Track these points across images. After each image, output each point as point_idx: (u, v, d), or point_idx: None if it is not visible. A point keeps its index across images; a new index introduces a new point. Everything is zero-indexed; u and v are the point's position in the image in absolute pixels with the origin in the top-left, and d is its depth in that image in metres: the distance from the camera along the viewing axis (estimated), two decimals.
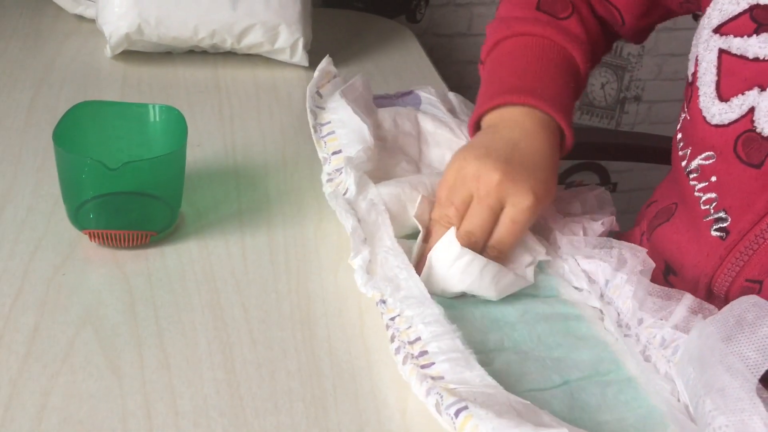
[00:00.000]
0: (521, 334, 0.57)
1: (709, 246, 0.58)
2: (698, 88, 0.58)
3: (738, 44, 0.55)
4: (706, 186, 0.58)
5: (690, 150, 0.60)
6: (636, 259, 0.59)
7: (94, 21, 0.95)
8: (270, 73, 0.94)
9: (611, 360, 0.56)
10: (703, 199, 0.59)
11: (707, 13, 0.58)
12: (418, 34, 1.16)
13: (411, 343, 0.53)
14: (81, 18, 1.00)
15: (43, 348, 0.52)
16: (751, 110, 0.54)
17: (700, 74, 0.58)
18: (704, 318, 0.53)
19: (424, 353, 0.52)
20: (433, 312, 0.53)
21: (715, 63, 0.57)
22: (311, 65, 0.94)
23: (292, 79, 0.93)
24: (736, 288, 0.56)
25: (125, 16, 0.89)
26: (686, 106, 0.61)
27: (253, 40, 0.92)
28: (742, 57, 0.55)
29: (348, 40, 1.07)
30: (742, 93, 0.55)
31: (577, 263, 0.63)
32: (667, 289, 0.56)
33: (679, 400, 0.53)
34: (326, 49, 1.01)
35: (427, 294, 0.55)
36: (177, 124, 0.64)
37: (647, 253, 0.65)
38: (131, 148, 0.65)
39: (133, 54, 0.92)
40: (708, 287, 0.59)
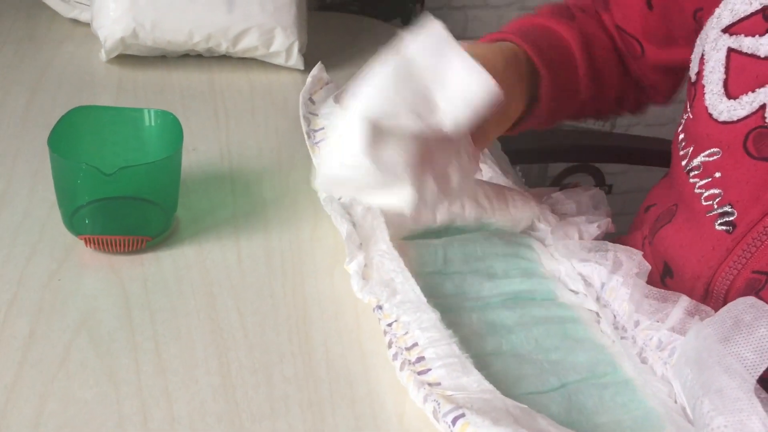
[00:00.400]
0: (518, 338, 0.57)
1: (714, 239, 0.58)
2: (704, 86, 0.59)
3: (749, 43, 0.56)
4: (709, 182, 0.59)
5: (692, 148, 0.61)
6: (632, 262, 0.59)
7: (89, 25, 0.95)
8: (265, 76, 0.94)
9: (608, 362, 0.56)
10: (705, 195, 0.59)
11: (716, 13, 0.59)
12: None
13: (408, 349, 0.53)
14: (76, 22, 1.00)
15: (38, 354, 0.52)
16: (763, 107, 0.55)
17: (706, 73, 0.59)
18: (701, 320, 0.53)
19: (421, 359, 0.51)
20: (430, 317, 0.53)
21: (723, 62, 0.58)
22: (307, 68, 0.94)
23: (287, 82, 0.93)
24: (741, 281, 0.57)
25: (120, 20, 0.88)
26: (689, 105, 0.61)
27: (249, 43, 0.92)
28: (754, 56, 0.56)
29: (343, 44, 1.07)
30: (753, 90, 0.56)
31: (572, 266, 0.63)
32: (663, 291, 0.56)
33: (676, 401, 0.53)
34: (322, 52, 1.01)
35: (424, 298, 0.55)
36: (172, 128, 0.64)
37: (647, 256, 0.66)
38: (127, 153, 0.65)
39: (128, 58, 0.92)
40: (706, 287, 0.59)
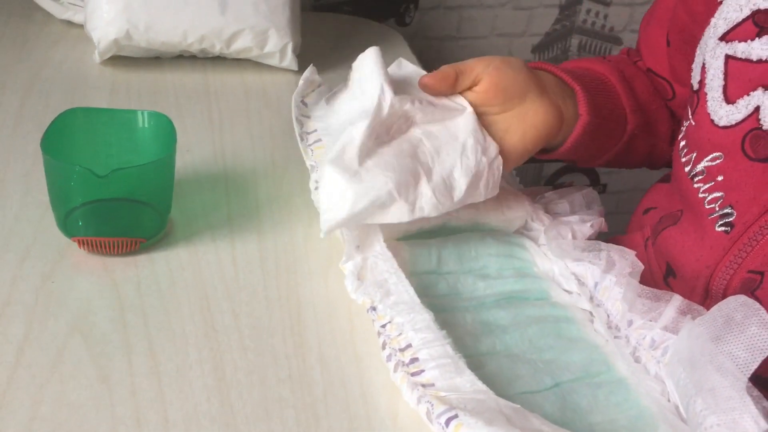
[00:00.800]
0: (512, 337, 0.57)
1: (713, 240, 0.59)
2: (706, 94, 0.61)
3: (742, 48, 0.58)
4: (712, 186, 0.60)
5: (695, 154, 0.62)
6: (625, 262, 0.59)
7: (82, 26, 0.95)
8: (259, 77, 0.94)
9: (602, 362, 0.57)
10: (708, 198, 0.60)
11: (712, 23, 0.61)
12: (408, 38, 1.16)
13: (402, 351, 0.53)
14: (69, 23, 1.00)
15: (32, 356, 0.52)
16: (757, 109, 0.56)
17: (708, 80, 0.60)
18: (693, 319, 0.53)
19: (414, 360, 0.52)
20: (424, 318, 0.53)
21: (722, 69, 0.59)
22: (301, 69, 0.94)
23: (281, 83, 0.93)
24: (737, 280, 0.57)
25: (114, 21, 0.88)
26: (691, 113, 0.63)
27: (242, 44, 0.92)
28: (747, 60, 0.57)
29: (337, 44, 1.07)
30: (748, 94, 0.57)
31: (566, 266, 0.63)
32: (656, 290, 0.57)
33: (669, 400, 0.53)
34: (315, 53, 1.01)
35: (417, 299, 0.55)
36: (166, 130, 0.64)
37: (650, 257, 0.66)
38: (120, 155, 0.65)
39: (122, 59, 0.92)
40: (706, 286, 0.60)
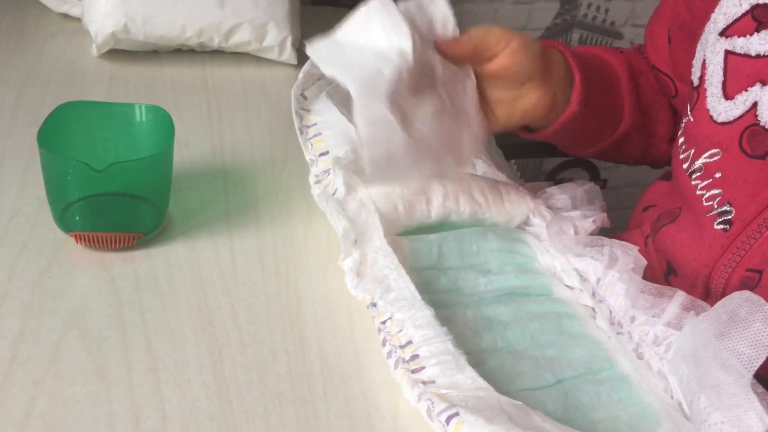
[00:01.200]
0: (514, 334, 0.57)
1: (711, 238, 0.59)
2: (706, 90, 0.60)
3: (741, 44, 0.57)
4: (710, 183, 0.59)
5: (693, 151, 0.61)
6: (627, 257, 0.59)
7: (79, 19, 0.94)
8: (258, 71, 0.93)
9: (604, 358, 0.56)
10: (707, 195, 0.59)
11: (712, 18, 0.60)
12: None
13: (402, 347, 0.52)
14: (66, 16, 0.99)
15: (28, 353, 0.52)
16: (755, 105, 0.56)
17: (707, 76, 0.60)
18: (696, 315, 0.53)
19: (415, 357, 0.51)
20: (424, 314, 0.53)
21: (721, 64, 0.59)
22: (300, 63, 0.93)
23: (280, 77, 0.93)
24: (736, 279, 0.57)
25: (111, 14, 0.87)
26: (690, 109, 0.62)
27: (241, 38, 0.92)
28: (746, 55, 0.57)
29: None
30: (746, 89, 0.56)
31: (568, 262, 0.63)
32: (659, 286, 0.56)
33: (672, 397, 0.53)
34: None
35: (418, 296, 0.54)
36: (164, 124, 0.63)
37: (650, 254, 0.65)
38: (118, 149, 0.64)
39: (120, 53, 0.91)
40: (706, 283, 0.59)
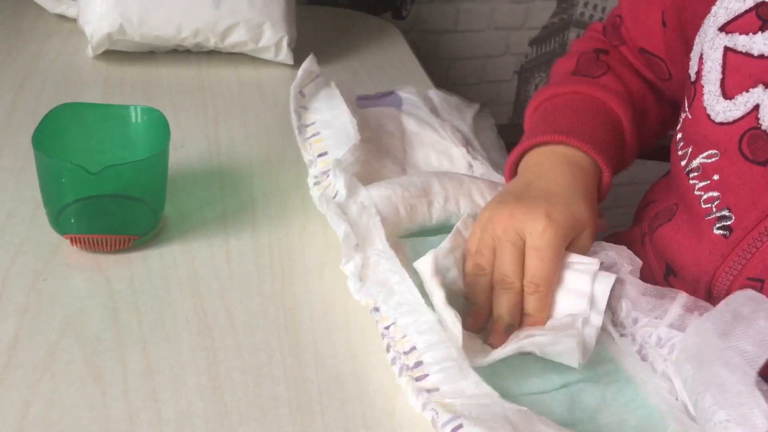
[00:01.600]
0: None
1: (711, 244, 0.57)
2: (703, 86, 0.58)
3: (743, 42, 0.55)
4: (708, 185, 0.57)
5: (691, 149, 0.59)
6: (623, 259, 0.58)
7: (75, 21, 0.94)
8: (254, 71, 0.93)
9: (609, 360, 0.56)
10: (704, 197, 0.58)
11: (713, 11, 0.58)
12: (405, 31, 1.15)
13: (406, 354, 0.52)
14: (62, 17, 0.99)
15: (23, 356, 0.52)
16: (756, 107, 0.54)
17: (705, 72, 0.58)
18: (700, 315, 0.53)
19: (419, 364, 0.51)
20: (428, 319, 0.52)
21: (720, 61, 0.56)
22: (296, 63, 0.93)
23: (277, 77, 0.92)
24: (737, 287, 0.56)
25: (107, 15, 0.87)
26: (687, 105, 0.60)
27: (237, 38, 0.91)
28: (748, 54, 0.54)
29: (333, 38, 1.06)
30: (747, 90, 0.54)
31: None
32: (660, 288, 0.56)
33: (677, 398, 0.52)
34: (311, 46, 1.00)
35: (421, 299, 0.53)
36: (159, 125, 0.63)
37: (648, 254, 0.65)
38: (113, 150, 0.64)
39: (116, 54, 0.91)
40: (708, 288, 0.58)
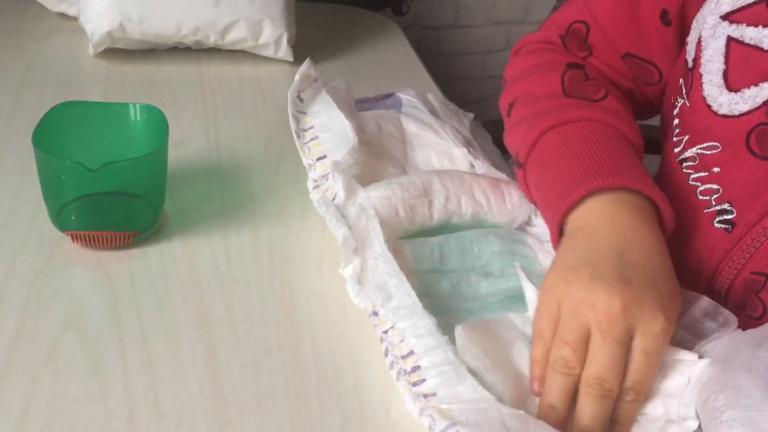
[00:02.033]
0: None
1: (713, 239, 0.56)
2: (701, 75, 0.56)
3: (752, 34, 0.53)
4: (706, 176, 0.56)
5: (688, 138, 0.58)
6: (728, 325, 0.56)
7: (76, 19, 0.95)
8: (254, 68, 0.93)
9: None
10: (701, 189, 0.56)
11: None
12: (405, 27, 1.16)
13: (404, 358, 0.52)
14: (63, 16, 0.99)
15: (25, 351, 0.52)
16: (766, 103, 0.52)
17: (704, 61, 0.56)
18: (717, 323, 0.52)
19: (416, 368, 0.51)
20: (426, 323, 0.52)
21: (722, 51, 0.54)
22: (296, 60, 0.94)
23: (276, 74, 0.93)
24: (741, 281, 0.55)
25: (107, 13, 0.88)
26: (685, 92, 0.58)
27: (237, 36, 0.92)
28: (757, 48, 0.53)
29: (333, 35, 1.06)
30: (756, 85, 0.53)
31: None
32: (684, 290, 0.54)
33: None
34: (311, 43, 1.01)
35: (419, 303, 0.53)
36: (158, 122, 0.64)
37: None
38: (113, 148, 0.64)
39: (116, 52, 0.92)
40: (709, 282, 0.57)
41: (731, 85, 0.54)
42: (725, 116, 0.54)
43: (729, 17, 0.55)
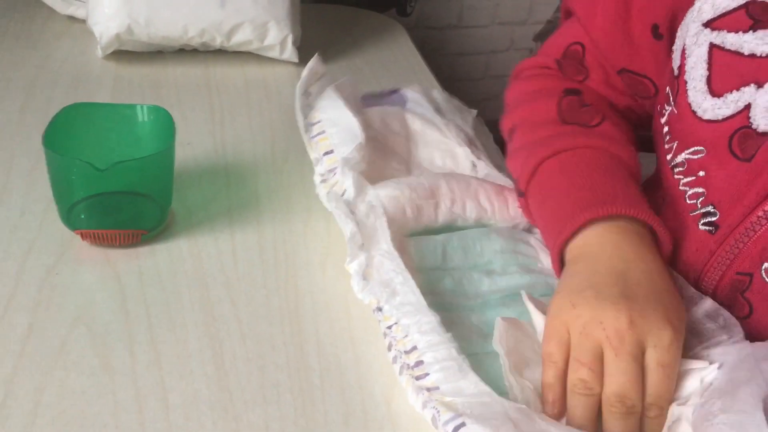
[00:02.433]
0: None
1: (698, 241, 0.57)
2: (686, 82, 0.57)
3: (732, 40, 0.54)
4: (693, 180, 0.57)
5: (677, 144, 0.59)
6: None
7: (85, 22, 0.96)
8: (260, 70, 0.95)
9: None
10: (689, 193, 0.57)
11: (696, 6, 0.57)
12: (409, 28, 1.17)
13: (407, 353, 0.53)
14: (72, 19, 1.01)
15: (37, 346, 0.54)
16: (748, 107, 0.53)
17: (688, 68, 0.57)
18: (718, 324, 0.53)
19: (419, 363, 0.52)
20: (430, 320, 0.53)
21: (705, 58, 0.56)
22: (301, 61, 0.95)
23: (282, 75, 0.94)
24: (726, 281, 0.56)
25: (115, 16, 0.89)
26: (673, 99, 0.59)
27: (243, 37, 0.93)
28: (737, 53, 0.54)
29: (338, 36, 1.07)
30: (738, 89, 0.54)
31: None
32: (691, 288, 0.55)
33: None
34: (316, 44, 1.02)
35: (423, 301, 0.54)
36: (165, 123, 0.65)
37: None
38: (122, 148, 0.66)
39: (124, 54, 0.93)
40: (696, 283, 0.58)
41: (714, 91, 0.55)
42: (709, 121, 0.55)
43: (710, 24, 0.56)
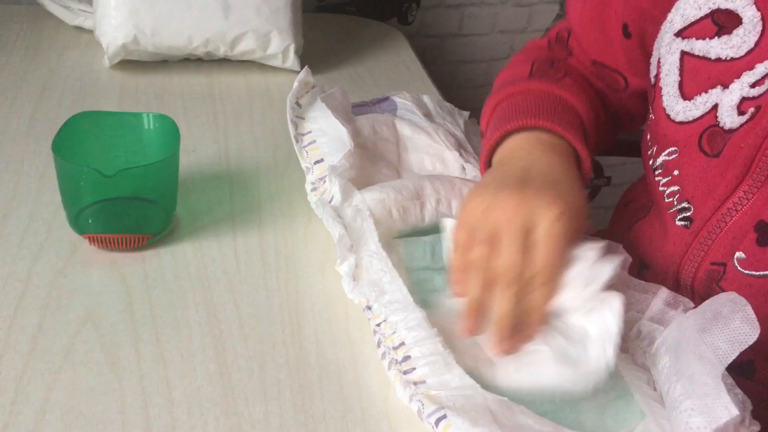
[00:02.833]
0: None
1: (675, 236, 0.61)
2: (661, 89, 0.61)
3: (700, 46, 0.58)
4: (670, 180, 0.61)
5: (655, 148, 0.63)
6: (614, 254, 0.60)
7: (92, 32, 0.98)
8: (263, 78, 0.97)
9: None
10: (667, 192, 0.61)
11: (669, 18, 0.61)
12: (410, 36, 1.18)
13: (395, 349, 0.55)
14: (80, 29, 1.03)
15: (46, 346, 0.56)
16: (715, 107, 0.57)
17: (663, 75, 0.61)
18: (683, 311, 0.55)
19: (407, 358, 0.54)
20: (416, 316, 0.55)
21: (677, 65, 0.60)
22: None
23: (284, 83, 0.96)
24: (702, 272, 0.59)
25: (121, 27, 0.92)
26: (650, 106, 0.63)
27: (246, 47, 0.95)
28: (705, 58, 0.58)
29: (340, 44, 1.09)
30: (706, 92, 0.57)
31: None
32: (643, 282, 0.58)
33: (655, 389, 0.55)
34: (318, 53, 1.04)
35: (410, 298, 0.56)
36: (170, 131, 0.67)
37: (625, 249, 0.67)
38: (128, 155, 0.68)
39: (130, 63, 0.95)
40: (676, 277, 0.61)
41: (686, 94, 0.59)
42: (681, 123, 0.59)
43: (681, 33, 0.59)
